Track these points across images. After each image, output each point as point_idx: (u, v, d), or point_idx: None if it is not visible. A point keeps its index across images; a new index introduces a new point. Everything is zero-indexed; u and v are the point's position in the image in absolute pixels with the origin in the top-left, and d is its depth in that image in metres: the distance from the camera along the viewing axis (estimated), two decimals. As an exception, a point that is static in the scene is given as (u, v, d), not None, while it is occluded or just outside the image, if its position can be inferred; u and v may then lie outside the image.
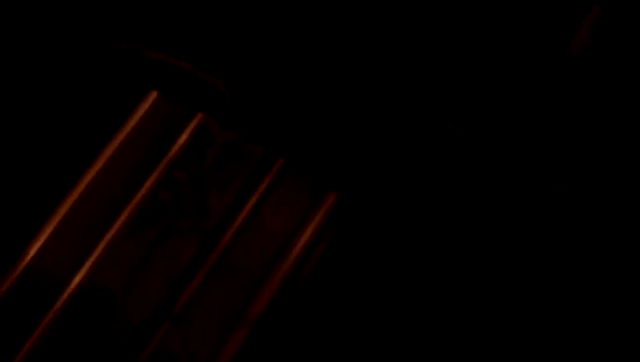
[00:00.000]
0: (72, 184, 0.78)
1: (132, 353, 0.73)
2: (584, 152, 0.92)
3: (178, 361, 0.73)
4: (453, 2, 0.96)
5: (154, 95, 0.82)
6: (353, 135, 0.91)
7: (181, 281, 0.75)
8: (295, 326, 0.85)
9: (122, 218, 0.77)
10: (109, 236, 0.76)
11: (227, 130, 0.81)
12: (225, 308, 0.75)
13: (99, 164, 0.79)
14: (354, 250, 0.87)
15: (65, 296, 0.74)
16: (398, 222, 0.88)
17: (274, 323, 0.82)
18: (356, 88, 0.93)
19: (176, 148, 0.80)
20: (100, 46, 0.92)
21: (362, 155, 0.90)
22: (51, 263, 0.75)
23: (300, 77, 0.93)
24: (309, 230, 0.79)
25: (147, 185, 0.78)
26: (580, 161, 0.91)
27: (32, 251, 0.75)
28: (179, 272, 0.76)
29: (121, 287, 0.75)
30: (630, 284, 0.87)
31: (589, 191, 0.89)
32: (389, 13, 0.95)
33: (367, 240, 0.87)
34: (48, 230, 0.76)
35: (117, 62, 0.92)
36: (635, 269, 0.87)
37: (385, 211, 0.89)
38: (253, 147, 0.81)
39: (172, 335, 0.74)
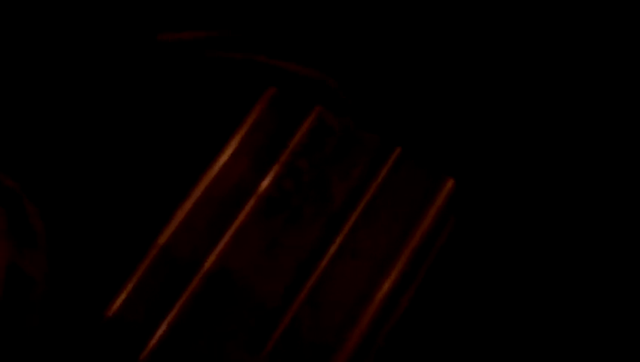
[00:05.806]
0: (201, 174, 0.81)
1: (264, 333, 0.74)
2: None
3: (307, 340, 0.74)
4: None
5: (272, 91, 0.85)
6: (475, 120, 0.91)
7: (308, 265, 0.77)
8: (418, 311, 0.86)
9: (249, 206, 0.79)
10: (237, 223, 0.78)
11: (345, 120, 0.83)
12: (352, 289, 0.76)
13: (225, 156, 0.81)
14: (475, 238, 0.88)
15: (197, 279, 0.76)
16: (520, 212, 0.89)
17: (398, 306, 0.83)
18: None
19: (296, 138, 0.82)
20: (228, 55, 0.96)
21: (485, 139, 0.90)
22: (184, 248, 0.77)
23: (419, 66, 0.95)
24: (431, 214, 0.80)
25: (271, 174, 0.81)
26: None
27: (166, 235, 0.77)
28: (305, 256, 0.77)
29: (250, 271, 0.77)
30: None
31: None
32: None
33: (487, 228, 0.88)
34: (180, 216, 0.78)
35: (238, 67, 0.96)
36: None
37: (505, 199, 0.89)
38: (371, 135, 0.82)
39: (302, 316, 0.75)
